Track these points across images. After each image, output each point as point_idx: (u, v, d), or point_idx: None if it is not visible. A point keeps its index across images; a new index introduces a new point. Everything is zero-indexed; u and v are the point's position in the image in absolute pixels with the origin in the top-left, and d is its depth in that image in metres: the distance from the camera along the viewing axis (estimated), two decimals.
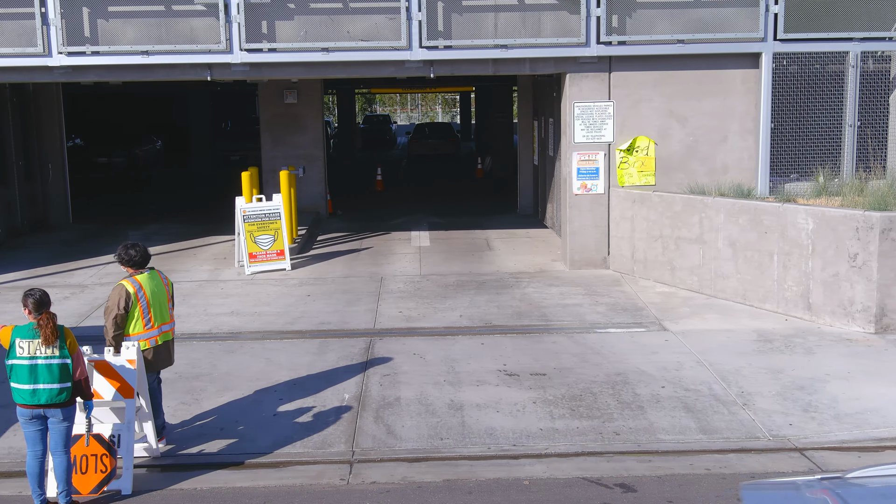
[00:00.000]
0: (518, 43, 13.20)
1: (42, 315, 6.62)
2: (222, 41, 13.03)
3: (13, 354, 6.60)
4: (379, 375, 9.47)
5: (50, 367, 6.54)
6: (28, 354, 6.55)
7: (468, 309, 12.02)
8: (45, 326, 6.58)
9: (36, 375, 6.55)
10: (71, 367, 6.59)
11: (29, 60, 13.05)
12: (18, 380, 6.58)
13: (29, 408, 6.60)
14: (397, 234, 17.36)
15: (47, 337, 6.55)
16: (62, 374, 6.56)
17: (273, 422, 8.38)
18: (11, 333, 6.61)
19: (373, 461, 7.59)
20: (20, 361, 6.57)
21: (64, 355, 6.57)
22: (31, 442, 6.69)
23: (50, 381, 6.54)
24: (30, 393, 6.55)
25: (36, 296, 6.68)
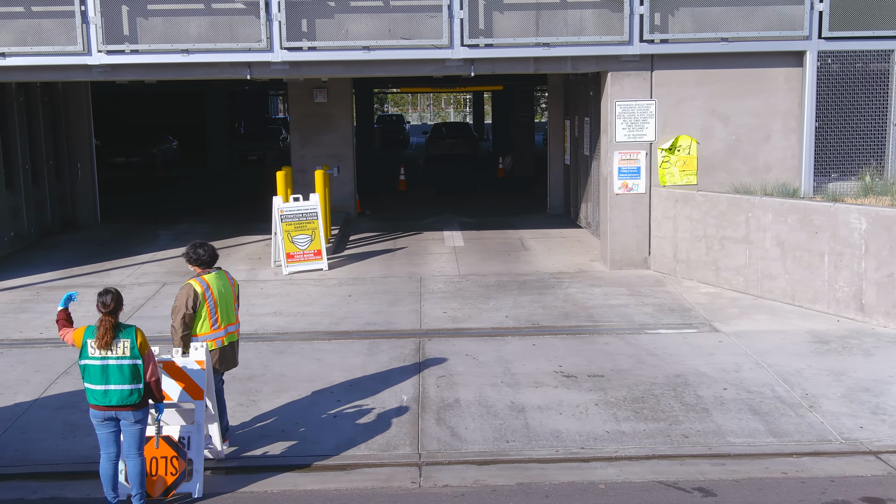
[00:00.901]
0: (561, 41, 13.08)
1: (103, 317, 6.51)
2: (263, 39, 12.93)
3: (85, 354, 6.52)
4: (434, 377, 9.37)
5: (121, 368, 6.45)
6: (100, 355, 6.46)
7: (513, 309, 11.91)
8: (99, 327, 6.48)
9: (107, 376, 6.46)
10: (142, 368, 6.50)
11: (68, 59, 12.96)
12: (91, 380, 6.51)
13: (101, 409, 6.51)
14: (429, 234, 17.25)
15: (100, 338, 6.44)
16: (133, 375, 6.47)
17: (334, 423, 8.27)
18: (84, 333, 6.52)
19: (441, 464, 7.48)
20: (92, 362, 6.49)
21: (135, 356, 6.47)
22: (105, 444, 6.60)
23: (121, 381, 6.45)
24: (101, 394, 6.47)
25: (103, 297, 6.55)
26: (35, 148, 17.09)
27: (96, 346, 6.46)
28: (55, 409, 8.69)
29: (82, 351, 6.52)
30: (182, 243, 16.68)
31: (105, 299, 6.55)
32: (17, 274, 14.33)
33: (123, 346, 6.46)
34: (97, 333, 6.45)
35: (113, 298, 6.57)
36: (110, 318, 6.49)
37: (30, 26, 12.95)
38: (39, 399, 8.96)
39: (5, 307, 12.43)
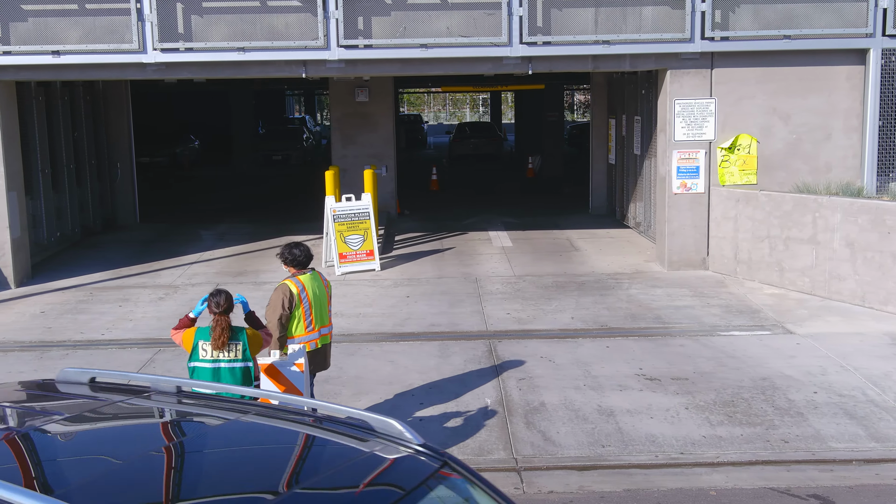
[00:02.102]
0: (621, 39, 12.91)
1: (217, 317, 6.36)
2: (320, 37, 12.78)
3: (196, 356, 6.37)
4: (514, 379, 9.20)
5: (233, 371, 6.30)
6: (211, 357, 6.31)
7: (577, 311, 11.74)
8: (215, 328, 6.34)
9: (218, 379, 6.30)
10: (253, 372, 6.33)
11: (123, 57, 12.84)
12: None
13: None
14: (474, 235, 17.08)
15: (216, 339, 6.29)
16: (245, 379, 6.31)
17: (422, 427, 8.11)
18: (195, 335, 6.37)
19: (539, 469, 7.32)
20: (203, 364, 6.34)
21: (247, 358, 6.32)
22: None
23: (232, 384, 6.28)
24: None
25: (216, 297, 6.43)
26: (78, 148, 16.98)
27: (210, 348, 6.28)
28: None
29: (192, 353, 6.36)
30: (226, 243, 16.57)
31: (218, 299, 6.39)
32: (67, 274, 14.21)
33: (236, 348, 6.30)
34: (213, 334, 6.28)
35: (226, 298, 6.41)
36: (226, 317, 6.33)
37: (84, 24, 12.83)
38: None
39: (61, 308, 12.30)
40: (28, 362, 10.03)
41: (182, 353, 10.24)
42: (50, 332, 11.18)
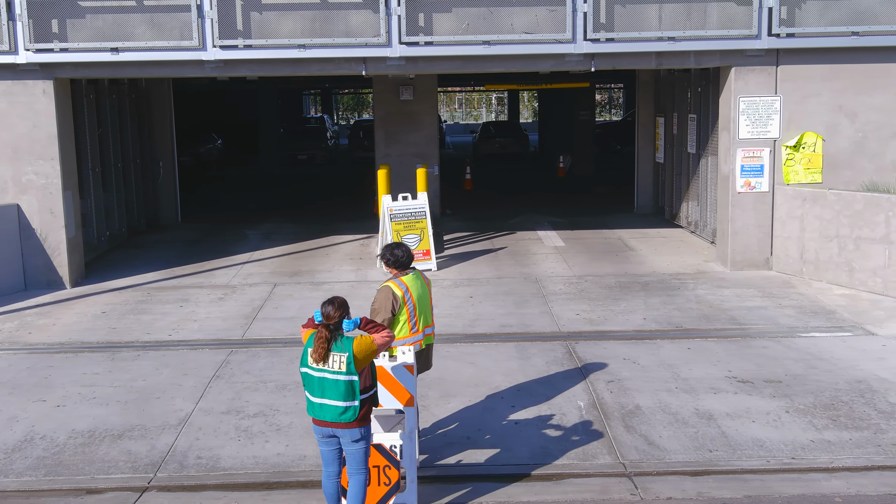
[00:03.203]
0: (686, 35, 12.70)
1: (320, 327, 6.00)
2: (381, 34, 12.61)
3: (305, 361, 6.06)
4: (603, 382, 9.02)
5: (336, 383, 5.94)
6: (316, 366, 6.00)
7: (648, 311, 11.54)
8: (316, 341, 5.97)
9: (323, 389, 5.98)
10: (357, 385, 5.96)
11: (182, 54, 12.67)
12: (309, 390, 6.08)
13: (317, 424, 6.07)
14: (523, 234, 16.89)
15: (315, 351, 5.95)
16: (348, 392, 5.94)
17: (518, 431, 7.94)
18: (306, 340, 6.10)
19: (650, 474, 7.13)
20: (310, 371, 6.02)
21: (350, 372, 5.92)
22: (326, 461, 6.19)
23: (336, 397, 5.95)
24: (317, 407, 6.02)
25: (325, 306, 6.04)
26: (124, 146, 16.84)
27: (313, 358, 6.01)
28: (221, 415, 8.39)
29: (303, 357, 6.07)
30: (273, 243, 16.41)
31: (327, 310, 6.01)
32: (120, 274, 14.05)
33: (339, 360, 5.92)
34: (314, 346, 5.95)
35: (336, 309, 6.00)
36: (325, 331, 5.95)
37: (142, 21, 12.68)
38: (200, 404, 8.66)
39: (122, 308, 12.15)
40: (100, 363, 9.88)
41: (256, 354, 10.12)
42: (115, 333, 11.03)
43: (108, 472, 7.31)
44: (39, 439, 7.93)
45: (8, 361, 10.00)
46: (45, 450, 7.73)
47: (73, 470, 7.38)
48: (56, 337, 10.91)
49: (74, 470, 7.38)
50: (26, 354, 10.26)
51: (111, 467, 7.41)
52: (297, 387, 9.05)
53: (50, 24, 12.60)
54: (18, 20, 12.42)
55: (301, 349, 7.04)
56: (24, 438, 7.95)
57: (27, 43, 12.47)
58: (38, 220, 13.07)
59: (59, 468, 7.41)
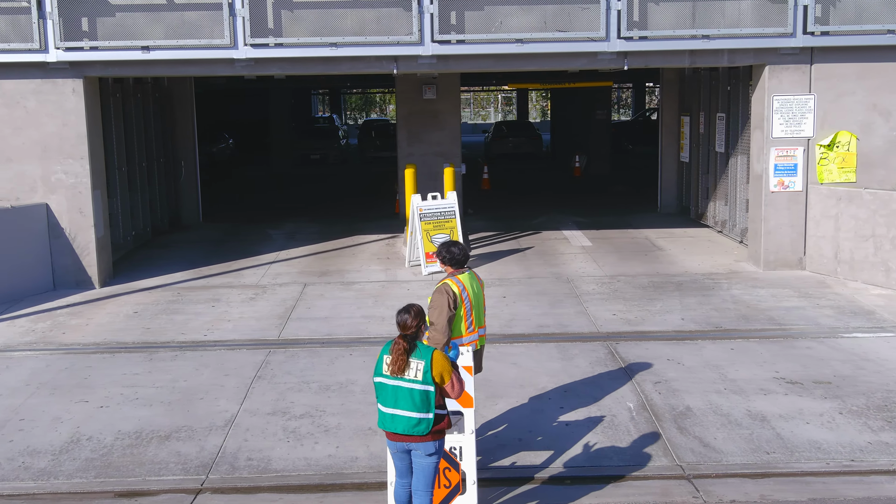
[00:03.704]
0: (721, 33, 12.60)
1: (397, 338, 5.83)
2: (414, 32, 12.53)
3: (379, 371, 5.86)
4: (650, 383, 8.93)
5: (411, 393, 5.75)
6: (391, 374, 5.82)
7: (685, 312, 11.45)
8: (393, 349, 5.79)
9: (397, 399, 5.79)
10: (433, 396, 5.79)
11: (213, 53, 12.59)
12: (381, 401, 5.88)
13: (390, 438, 5.90)
14: (548, 234, 16.79)
15: (392, 362, 5.75)
16: (423, 403, 5.76)
17: (570, 432, 7.85)
18: (382, 349, 5.92)
19: (709, 476, 7.04)
20: (383, 380, 5.82)
21: (427, 381, 5.74)
22: (400, 473, 6.02)
23: (410, 408, 5.76)
24: (389, 418, 5.84)
25: (402, 314, 5.88)
26: (148, 146, 16.77)
27: (389, 368, 5.82)
28: (267, 416, 8.31)
29: (377, 366, 5.89)
30: (298, 243, 16.33)
31: (404, 318, 5.84)
32: (148, 274, 13.98)
33: (416, 368, 5.75)
34: (392, 356, 5.77)
35: (413, 318, 5.84)
36: (404, 342, 5.77)
37: (172, 19, 12.60)
38: (244, 404, 8.58)
39: (153, 308, 12.07)
40: (139, 364, 9.80)
41: (294, 354, 10.03)
42: (150, 333, 10.95)
43: (160, 474, 7.24)
44: (86, 440, 7.85)
45: (45, 362, 9.92)
46: (93, 451, 7.65)
47: (123, 471, 7.30)
48: (91, 337, 10.83)
49: (124, 471, 7.30)
50: (63, 354, 10.19)
51: (162, 469, 7.33)
52: (341, 388, 8.98)
53: (80, 22, 12.53)
54: (49, 18, 12.34)
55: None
56: (71, 439, 7.87)
57: (57, 41, 12.41)
58: (67, 219, 13.00)
59: (108, 469, 7.33)
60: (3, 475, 7.26)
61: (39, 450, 7.69)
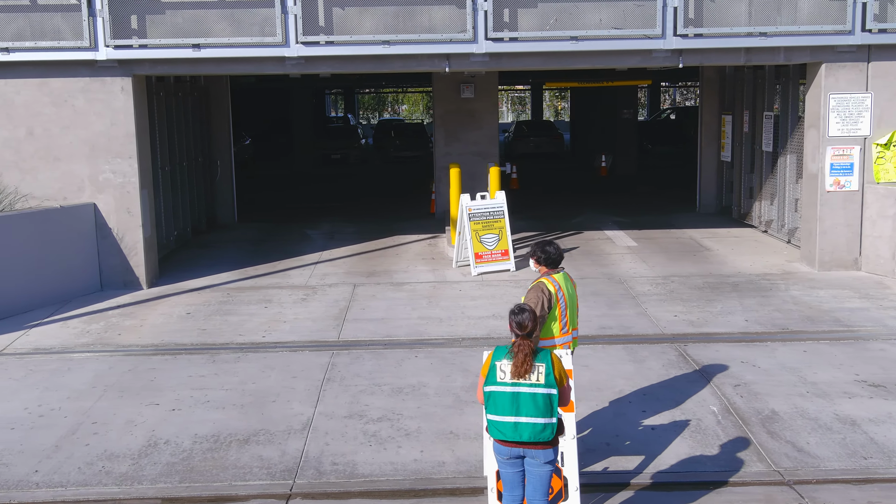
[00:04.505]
0: (779, 31, 12.44)
1: (518, 340, 5.64)
2: (467, 30, 12.37)
3: (493, 380, 5.63)
4: (729, 386, 8.76)
5: (534, 398, 5.56)
6: (510, 380, 5.59)
7: (746, 313, 11.28)
8: (516, 353, 5.58)
9: (518, 406, 5.56)
10: (556, 400, 5.62)
11: (264, 51, 12.44)
12: (497, 410, 5.61)
13: (508, 445, 5.61)
14: (590, 234, 16.62)
15: (517, 366, 5.55)
16: (546, 407, 5.57)
17: (657, 437, 7.69)
18: (492, 356, 5.71)
19: (809, 482, 6.88)
20: (500, 388, 5.59)
21: (550, 384, 5.56)
22: (510, 485, 5.78)
23: (534, 413, 5.56)
24: (511, 427, 5.56)
25: (518, 315, 5.69)
26: (189, 145, 16.64)
27: (509, 371, 5.60)
28: (344, 419, 8.15)
29: (489, 375, 5.64)
30: (338, 243, 16.19)
31: (521, 318, 5.65)
32: (193, 274, 13.83)
33: (538, 371, 5.57)
34: (514, 360, 5.57)
35: (530, 318, 5.66)
36: (528, 342, 5.59)
37: (223, 17, 12.45)
38: (319, 407, 8.43)
39: (205, 309, 11.92)
40: (202, 366, 9.65)
41: (359, 356, 9.88)
42: (207, 335, 10.81)
43: (245, 479, 7.09)
44: (164, 444, 7.71)
45: (107, 364, 9.79)
46: (173, 455, 7.51)
47: (207, 476, 7.15)
48: (147, 338, 10.69)
49: (209, 476, 7.15)
50: (123, 356, 10.05)
51: (246, 473, 7.18)
52: (414, 390, 8.82)
53: (129, 20, 12.40)
54: (99, 16, 12.21)
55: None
56: (148, 443, 7.73)
57: (107, 39, 12.27)
58: (115, 219, 12.86)
59: (192, 474, 7.18)
60: (85, 480, 7.12)
61: (117, 454, 7.55)
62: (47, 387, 9.06)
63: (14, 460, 7.46)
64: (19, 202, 12.43)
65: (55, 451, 7.61)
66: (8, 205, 12.21)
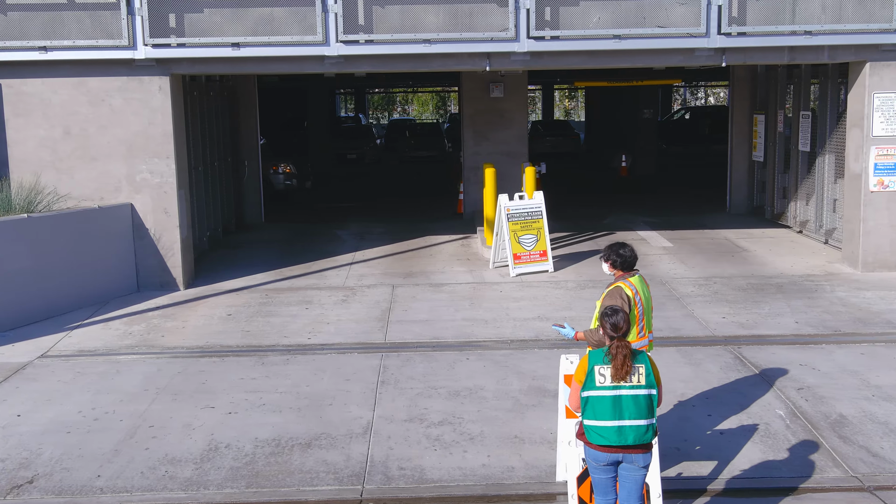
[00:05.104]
0: (824, 29, 12.31)
1: (615, 342, 5.55)
2: (509, 28, 12.24)
3: (592, 384, 5.51)
4: (792, 389, 8.62)
5: (636, 399, 5.47)
6: (611, 384, 5.49)
7: (795, 315, 11.14)
8: (615, 355, 5.48)
9: (620, 409, 5.46)
10: (656, 400, 5.54)
11: (305, 49, 12.31)
12: (598, 415, 5.50)
13: (610, 450, 5.50)
14: (623, 234, 16.48)
15: (618, 368, 5.45)
16: (648, 408, 5.48)
17: (727, 442, 7.56)
18: (588, 361, 5.59)
19: (891, 489, 6.74)
20: (601, 392, 5.47)
21: (651, 384, 5.49)
22: (604, 490, 5.67)
23: (636, 416, 5.46)
24: (615, 431, 5.46)
25: (612, 317, 5.61)
26: (220, 145, 16.53)
27: (609, 375, 5.50)
28: (404, 423, 8.03)
29: (587, 380, 5.53)
30: (370, 244, 16.06)
31: (615, 320, 5.56)
32: (229, 275, 13.71)
33: (639, 373, 5.49)
34: (613, 363, 5.48)
35: (624, 319, 5.57)
36: (626, 343, 5.51)
37: (259, 16, 12.32)
38: (377, 411, 8.31)
39: (246, 310, 11.80)
40: (252, 368, 9.54)
41: (409, 358, 9.75)
42: (251, 336, 10.69)
43: (313, 484, 6.97)
44: (224, 448, 7.59)
45: (155, 366, 9.67)
46: (235, 459, 7.39)
47: (273, 481, 7.03)
48: (192, 340, 10.58)
49: (275, 481, 7.03)
50: (170, 358, 9.93)
51: (313, 478, 7.06)
52: (471, 394, 8.70)
53: (167, 18, 12.28)
54: (138, 14, 12.09)
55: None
56: (208, 447, 7.61)
57: (146, 38, 12.16)
58: (152, 219, 12.75)
59: (258, 479, 7.06)
60: (150, 485, 7.01)
61: (179, 458, 7.43)
62: (98, 390, 8.95)
63: (75, 465, 7.35)
64: (57, 202, 12.32)
65: (115, 455, 7.50)
66: (46, 205, 12.10)
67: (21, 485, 7.04)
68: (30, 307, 11.37)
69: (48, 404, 8.60)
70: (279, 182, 21.76)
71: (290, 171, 22.07)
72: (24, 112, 12.52)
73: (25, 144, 12.56)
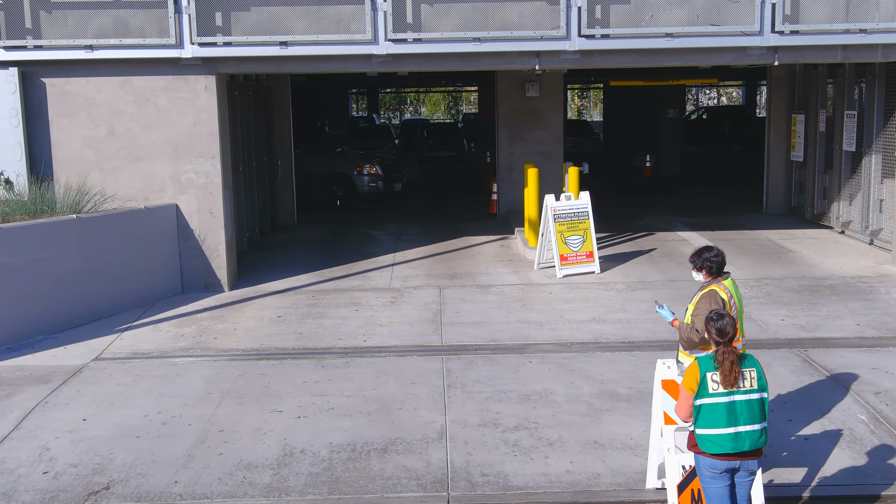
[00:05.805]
0: (879, 27, 12.13)
1: (721, 347, 5.41)
2: (561, 27, 12.08)
3: (705, 392, 5.37)
4: (869, 393, 8.46)
5: (750, 404, 5.34)
6: (724, 390, 5.34)
7: (855, 317, 10.98)
8: (723, 362, 5.34)
9: (735, 416, 5.33)
10: (768, 403, 5.42)
11: (353, 48, 12.17)
12: (712, 423, 5.37)
13: (727, 458, 5.37)
14: (662, 235, 16.33)
15: (726, 375, 5.31)
16: (761, 412, 5.37)
17: (813, 447, 7.39)
18: (699, 368, 5.43)
19: None
20: (716, 399, 5.34)
21: (762, 387, 5.37)
22: (720, 499, 5.50)
23: (750, 421, 5.34)
24: (730, 439, 5.33)
25: (717, 322, 5.46)
26: (257, 145, 16.40)
27: (721, 384, 5.34)
28: (479, 427, 7.88)
29: (700, 387, 5.39)
30: (408, 245, 15.91)
31: (721, 325, 5.42)
32: (271, 276, 13.57)
33: (751, 377, 5.36)
34: (721, 369, 5.33)
35: (731, 324, 5.43)
36: (733, 348, 5.38)
37: (306, 14, 12.19)
38: (449, 415, 8.16)
39: (295, 312, 11.66)
40: (313, 371, 9.39)
41: (471, 361, 9.60)
42: (306, 339, 10.55)
43: (397, 490, 6.82)
44: (300, 453, 7.44)
45: (214, 369, 9.53)
46: (313, 465, 7.25)
47: (355, 488, 6.89)
48: (246, 342, 10.44)
49: (357, 488, 6.89)
50: (227, 361, 9.80)
51: (396, 484, 6.91)
52: (541, 398, 8.55)
53: (213, 17, 12.15)
54: (185, 13, 11.96)
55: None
56: (283, 452, 7.47)
57: (193, 37, 12.03)
58: (197, 220, 12.62)
59: (339, 485, 6.92)
60: (229, 491, 6.87)
61: (255, 464, 7.29)
62: (161, 393, 8.81)
63: (149, 470, 7.22)
64: (104, 203, 12.20)
65: (189, 460, 7.36)
66: (93, 206, 11.98)
67: (98, 491, 6.90)
68: (78, 309, 11.25)
69: (112, 408, 8.47)
70: (363, 184, 20.49)
71: (375, 172, 20.72)
72: (68, 112, 12.41)
73: (70, 144, 12.45)
